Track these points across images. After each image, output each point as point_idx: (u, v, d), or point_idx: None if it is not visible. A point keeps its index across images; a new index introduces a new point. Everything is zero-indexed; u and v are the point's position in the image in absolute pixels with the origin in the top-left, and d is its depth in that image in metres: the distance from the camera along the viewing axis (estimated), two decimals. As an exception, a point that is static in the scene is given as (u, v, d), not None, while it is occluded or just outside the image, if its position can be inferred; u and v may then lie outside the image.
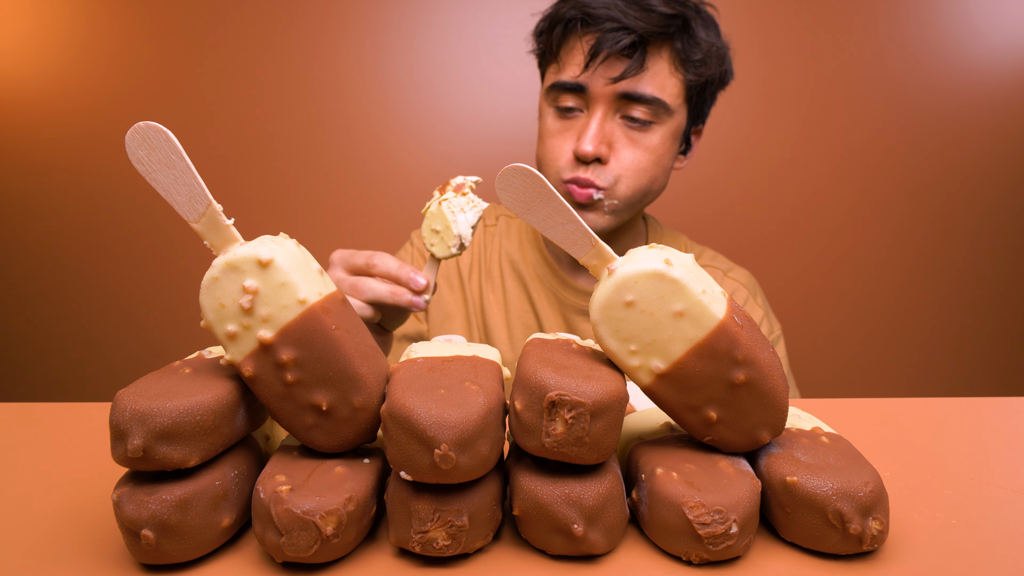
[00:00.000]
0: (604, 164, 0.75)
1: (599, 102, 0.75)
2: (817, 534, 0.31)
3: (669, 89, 0.75)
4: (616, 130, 0.76)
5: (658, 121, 0.76)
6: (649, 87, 0.74)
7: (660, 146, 0.77)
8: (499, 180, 0.32)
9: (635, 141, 0.76)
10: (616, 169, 0.75)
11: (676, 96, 0.76)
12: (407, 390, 0.30)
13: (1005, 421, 0.52)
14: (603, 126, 0.75)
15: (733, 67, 0.84)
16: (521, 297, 0.87)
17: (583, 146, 0.73)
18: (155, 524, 0.29)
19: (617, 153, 0.76)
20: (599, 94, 0.74)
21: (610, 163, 0.75)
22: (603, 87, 0.74)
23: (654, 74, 0.74)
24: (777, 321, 0.90)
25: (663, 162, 0.78)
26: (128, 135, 0.30)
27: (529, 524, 0.31)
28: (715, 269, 0.89)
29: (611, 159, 0.75)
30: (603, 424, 0.30)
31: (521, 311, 0.87)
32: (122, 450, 0.29)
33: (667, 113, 0.76)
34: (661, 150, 0.77)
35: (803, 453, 0.34)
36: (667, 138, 0.77)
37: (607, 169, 0.75)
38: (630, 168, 0.76)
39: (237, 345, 0.31)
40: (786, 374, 0.83)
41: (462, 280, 0.90)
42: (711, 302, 0.31)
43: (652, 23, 0.71)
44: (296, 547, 0.29)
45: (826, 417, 0.52)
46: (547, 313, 0.86)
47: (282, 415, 0.32)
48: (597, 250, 0.33)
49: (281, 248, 0.31)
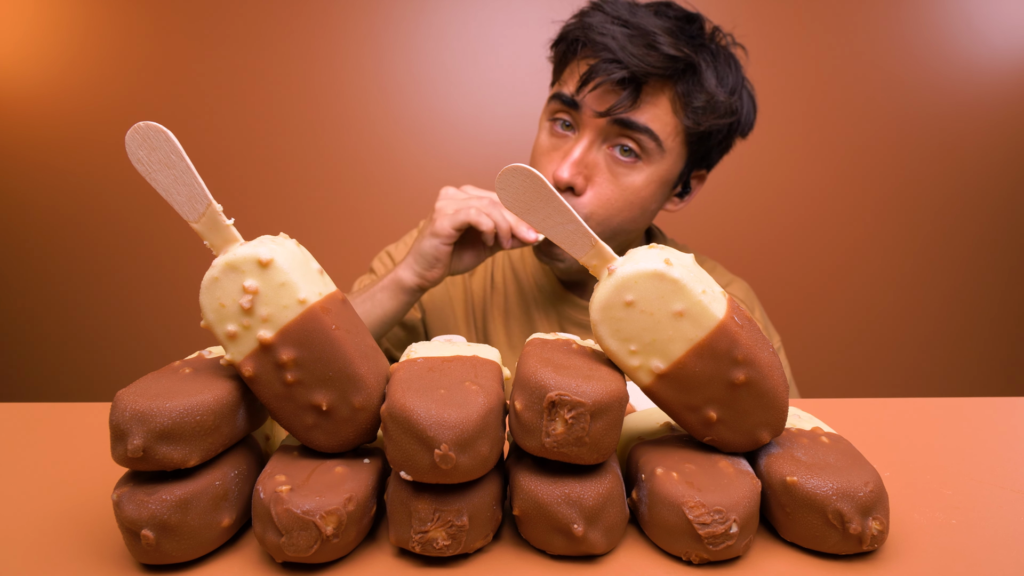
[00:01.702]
0: (578, 196, 0.72)
1: (588, 128, 0.72)
2: (817, 534, 0.31)
3: (665, 125, 0.71)
4: (600, 161, 0.72)
5: (646, 159, 0.72)
6: (643, 116, 0.70)
7: (643, 188, 0.73)
8: (499, 180, 0.32)
9: (617, 177, 0.72)
10: (590, 204, 0.72)
11: (671, 135, 0.72)
12: (407, 390, 0.30)
13: (1005, 421, 0.52)
14: (586, 155, 0.72)
15: (754, 115, 0.79)
16: (519, 303, 0.87)
17: (559, 171, 0.71)
18: (155, 524, 0.29)
19: (595, 186, 0.72)
20: (589, 120, 0.72)
21: (585, 195, 0.72)
22: (591, 117, 0.71)
23: (651, 106, 0.71)
24: (776, 333, 0.89)
25: (643, 205, 0.75)
26: (128, 135, 0.30)
27: (529, 524, 0.31)
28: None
29: (588, 191, 0.72)
30: (603, 424, 0.30)
31: (520, 318, 0.87)
32: (122, 450, 0.29)
33: (658, 151, 0.72)
34: (644, 192, 0.74)
35: (803, 453, 0.34)
36: (652, 181, 0.74)
37: (580, 203, 0.72)
38: (604, 205, 0.72)
39: (237, 345, 0.31)
40: (788, 383, 0.83)
41: (464, 277, 0.90)
42: (711, 302, 0.31)
43: (649, 63, 0.68)
44: (296, 547, 0.29)
45: (826, 417, 0.52)
46: (543, 323, 0.86)
47: (282, 415, 0.32)
48: (597, 250, 0.33)
49: (281, 248, 0.31)
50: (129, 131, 0.30)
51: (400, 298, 0.74)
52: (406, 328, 0.89)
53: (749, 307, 0.87)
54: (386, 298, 0.74)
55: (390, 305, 0.74)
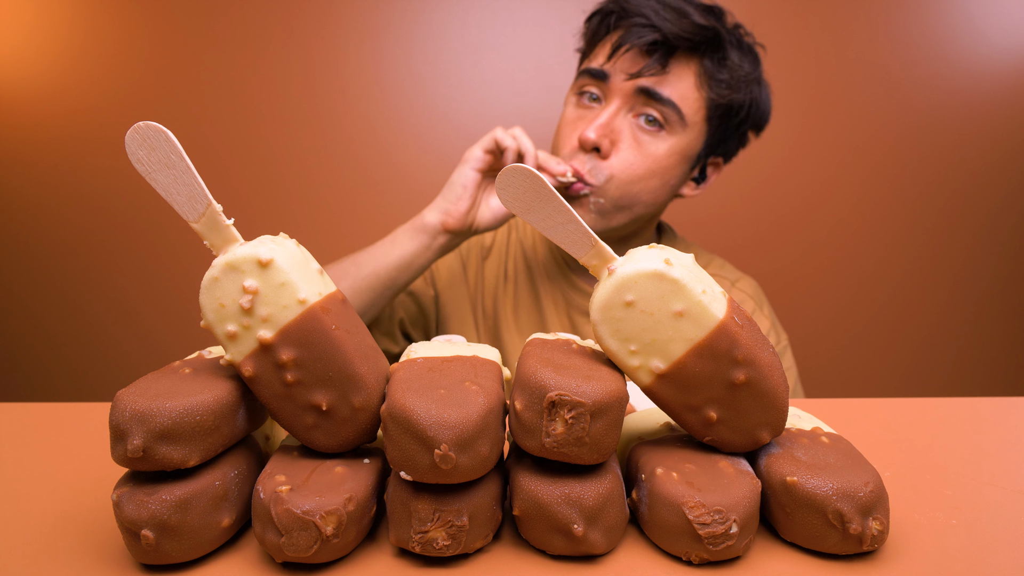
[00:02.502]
0: (603, 158, 0.75)
1: (616, 95, 0.76)
2: (817, 534, 0.31)
3: (689, 101, 0.75)
4: (625, 128, 0.76)
5: (669, 129, 0.76)
6: (668, 90, 0.74)
7: (665, 157, 0.76)
8: (499, 180, 0.32)
9: (640, 144, 0.76)
10: (612, 167, 0.75)
11: (695, 111, 0.76)
12: (407, 390, 0.30)
13: (1005, 421, 0.52)
14: (613, 119, 0.76)
15: (770, 111, 0.83)
16: (528, 291, 0.87)
17: (587, 132, 0.74)
18: (155, 524, 0.29)
19: (619, 151, 0.75)
20: (617, 87, 0.75)
21: (609, 159, 0.75)
22: (622, 81, 0.75)
23: (677, 80, 0.75)
24: (784, 331, 0.89)
25: (664, 176, 0.77)
26: (128, 135, 0.30)
27: (529, 524, 0.31)
28: (723, 279, 0.89)
29: (611, 154, 0.75)
30: (603, 424, 0.30)
31: (528, 306, 0.87)
32: (122, 450, 0.29)
33: (681, 124, 0.75)
34: (665, 162, 0.76)
35: (803, 453, 0.34)
36: (674, 152, 0.77)
37: (603, 166, 0.75)
38: (626, 169, 0.75)
39: (237, 345, 0.31)
40: (794, 382, 0.83)
41: (478, 265, 0.90)
42: (711, 302, 0.31)
43: (681, 27, 0.72)
44: (296, 547, 0.29)
45: (826, 417, 0.52)
46: (551, 311, 0.86)
47: (282, 415, 0.32)
48: (597, 250, 0.33)
49: (281, 248, 0.31)
50: (129, 131, 0.30)
51: (420, 239, 0.75)
52: (418, 304, 0.89)
53: (758, 304, 0.88)
54: (406, 239, 0.75)
55: (409, 246, 0.75)
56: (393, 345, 0.87)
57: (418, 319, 0.89)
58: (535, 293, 0.87)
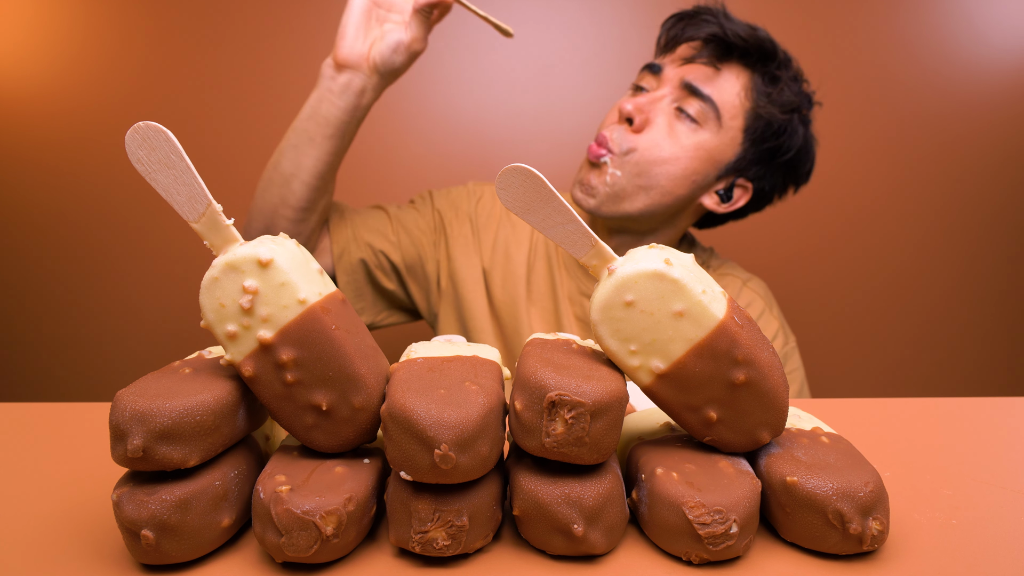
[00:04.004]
0: (634, 131, 0.78)
1: (665, 84, 0.79)
2: (817, 534, 0.31)
3: (729, 105, 0.78)
4: (663, 114, 0.78)
5: (704, 127, 0.78)
6: (711, 89, 0.77)
7: (692, 149, 0.78)
8: (499, 180, 0.32)
9: (672, 131, 0.78)
10: (638, 141, 0.77)
11: (733, 116, 0.78)
12: (407, 390, 0.30)
13: (1005, 421, 0.52)
14: (655, 103, 0.79)
15: (810, 164, 0.85)
16: (547, 282, 0.87)
17: (625, 104, 0.78)
18: (155, 524, 0.29)
19: (650, 129, 0.78)
20: (668, 77, 0.79)
21: (640, 134, 0.78)
22: (674, 69, 0.79)
23: (723, 84, 0.78)
24: (792, 333, 0.89)
25: (686, 166, 0.78)
26: (128, 135, 0.30)
27: (529, 524, 0.31)
28: (734, 278, 0.89)
29: (642, 130, 0.78)
30: (603, 424, 0.30)
31: (541, 294, 0.86)
32: (122, 450, 0.29)
33: (716, 123, 0.78)
34: (691, 153, 0.78)
35: (803, 453, 0.34)
36: (703, 147, 0.78)
37: (629, 137, 0.78)
38: (651, 148, 0.77)
39: (237, 345, 0.31)
40: (800, 384, 0.83)
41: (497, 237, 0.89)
42: (711, 302, 0.31)
43: (741, 31, 0.77)
44: (296, 547, 0.29)
45: (826, 417, 0.52)
46: (565, 304, 0.85)
47: (282, 415, 0.32)
48: (597, 250, 0.33)
49: (281, 248, 0.31)
50: (129, 131, 0.30)
51: (319, 84, 0.76)
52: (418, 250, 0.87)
53: (767, 305, 0.88)
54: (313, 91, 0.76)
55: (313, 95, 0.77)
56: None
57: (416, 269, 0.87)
58: (551, 280, 0.87)
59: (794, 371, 0.85)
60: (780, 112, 0.79)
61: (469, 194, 0.91)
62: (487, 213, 0.89)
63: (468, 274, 0.87)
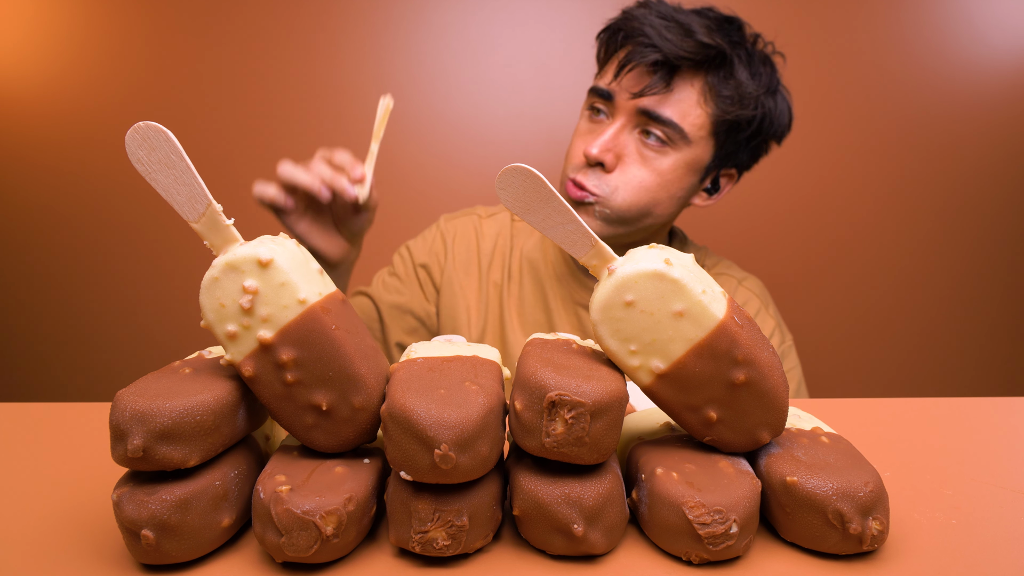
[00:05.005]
0: (607, 172, 0.76)
1: (621, 113, 0.77)
2: (817, 534, 0.31)
3: (692, 118, 0.76)
4: (631, 144, 0.77)
5: (673, 147, 0.76)
6: (670, 111, 0.75)
7: (670, 172, 0.77)
8: (499, 180, 0.32)
9: (646, 160, 0.77)
10: (617, 181, 0.76)
11: (699, 127, 0.76)
12: (407, 390, 0.30)
13: (1005, 421, 0.52)
14: (617, 136, 0.76)
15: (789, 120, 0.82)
16: (536, 295, 0.88)
17: (590, 149, 0.76)
18: (155, 524, 0.29)
19: (624, 166, 0.76)
20: (622, 106, 0.77)
21: (613, 173, 0.76)
22: (626, 100, 0.76)
23: (679, 100, 0.75)
24: (788, 332, 0.90)
25: (670, 189, 0.78)
26: (128, 135, 0.30)
27: (529, 524, 0.31)
28: (730, 278, 0.89)
29: (616, 169, 0.76)
30: (603, 424, 0.30)
31: (533, 308, 0.87)
32: (122, 450, 0.29)
33: (684, 141, 0.76)
34: (670, 176, 0.77)
35: (803, 453, 0.34)
36: (680, 166, 0.77)
37: (608, 178, 0.76)
38: (631, 183, 0.76)
39: (237, 345, 0.31)
40: (798, 383, 0.83)
41: (481, 271, 0.90)
42: (711, 302, 0.31)
43: (684, 48, 0.72)
44: (296, 547, 0.29)
45: (826, 417, 0.52)
46: (560, 314, 0.86)
47: (282, 415, 0.32)
48: (597, 250, 0.33)
49: (281, 248, 0.31)
50: (129, 131, 0.30)
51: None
52: (419, 319, 0.89)
53: (764, 303, 0.88)
54: None
55: None
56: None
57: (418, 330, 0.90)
58: (542, 292, 0.87)
59: (791, 369, 0.85)
60: (743, 108, 0.76)
61: (443, 235, 0.92)
62: (465, 248, 0.91)
63: (460, 312, 0.89)
